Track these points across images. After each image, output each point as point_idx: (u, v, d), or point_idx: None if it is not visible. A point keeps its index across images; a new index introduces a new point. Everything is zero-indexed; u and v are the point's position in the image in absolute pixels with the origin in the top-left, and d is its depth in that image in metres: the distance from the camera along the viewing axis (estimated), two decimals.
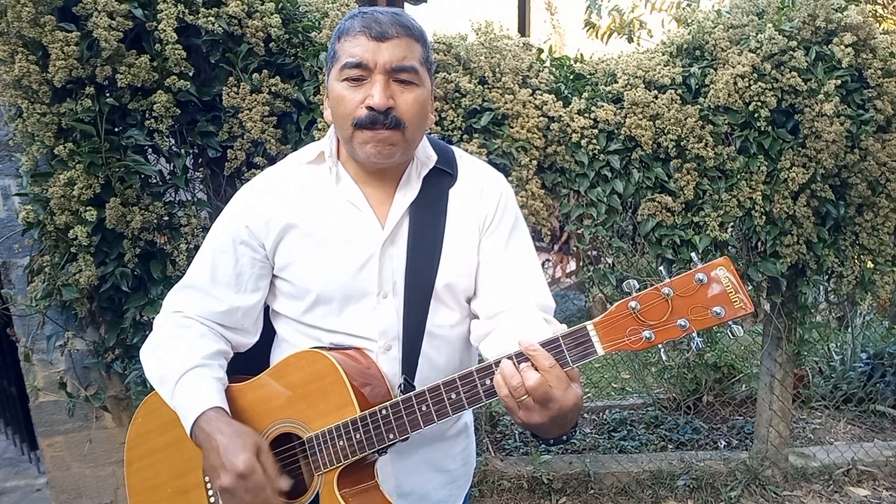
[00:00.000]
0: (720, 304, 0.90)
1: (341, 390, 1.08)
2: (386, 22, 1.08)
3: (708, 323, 0.90)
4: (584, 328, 0.95)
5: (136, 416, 1.28)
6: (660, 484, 3.03)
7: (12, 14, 1.84)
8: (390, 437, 1.06)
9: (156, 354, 1.20)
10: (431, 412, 1.03)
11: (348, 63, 1.08)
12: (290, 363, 1.16)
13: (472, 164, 1.27)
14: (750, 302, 0.89)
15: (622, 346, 0.94)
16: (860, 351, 3.96)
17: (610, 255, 2.65)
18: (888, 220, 2.60)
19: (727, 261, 0.90)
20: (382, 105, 1.06)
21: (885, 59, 2.42)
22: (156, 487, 1.24)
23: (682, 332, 0.91)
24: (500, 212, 1.22)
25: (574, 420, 0.98)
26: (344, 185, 1.19)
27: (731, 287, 0.89)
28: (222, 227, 1.22)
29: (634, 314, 0.93)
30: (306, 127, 2.20)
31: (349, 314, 1.18)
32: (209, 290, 1.21)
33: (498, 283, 1.20)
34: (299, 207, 1.18)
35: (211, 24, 2.02)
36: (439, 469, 1.30)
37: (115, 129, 2.06)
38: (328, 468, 1.10)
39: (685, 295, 0.91)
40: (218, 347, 1.20)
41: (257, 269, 1.21)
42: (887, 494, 3.01)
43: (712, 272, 0.90)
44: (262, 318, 1.28)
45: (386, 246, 1.17)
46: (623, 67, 2.43)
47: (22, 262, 2.24)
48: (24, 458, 3.28)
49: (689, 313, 0.91)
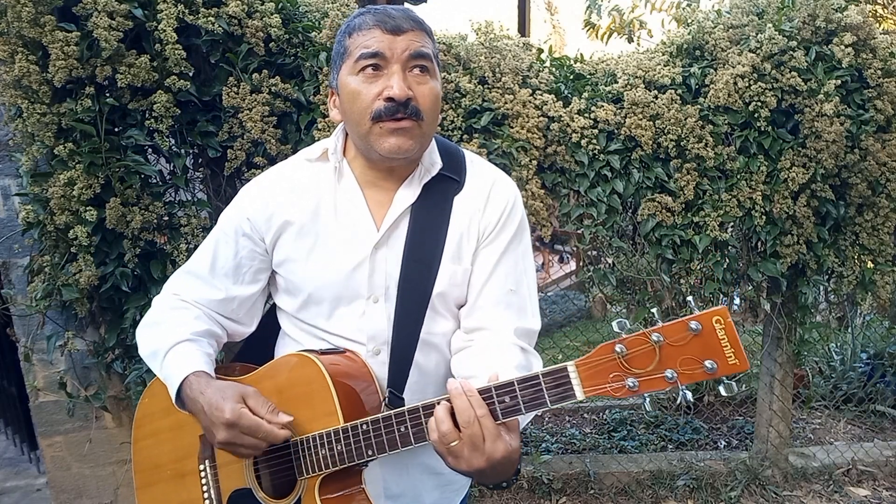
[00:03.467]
0: (713, 357, 0.83)
1: (326, 397, 1.07)
2: (399, 16, 1.09)
3: (697, 377, 0.84)
4: (565, 369, 0.90)
5: (142, 397, 1.31)
6: (660, 484, 3.03)
7: (12, 14, 1.84)
8: (369, 454, 1.03)
9: (149, 330, 1.22)
10: (409, 434, 1.00)
11: (364, 54, 1.07)
12: (282, 364, 1.16)
13: (482, 170, 1.24)
14: (745, 359, 0.83)
15: (603, 392, 0.88)
16: (860, 351, 3.96)
17: (610, 255, 2.65)
18: (888, 220, 2.60)
19: (724, 311, 0.83)
20: (402, 95, 1.05)
21: (885, 59, 2.42)
22: (157, 467, 1.27)
23: (668, 385, 0.85)
24: (502, 223, 1.19)
25: (511, 470, 0.95)
26: (345, 184, 1.18)
27: (726, 340, 0.83)
28: (227, 219, 1.23)
29: (619, 359, 0.87)
30: (306, 127, 2.20)
31: (339, 316, 1.17)
32: (208, 279, 1.23)
33: (483, 299, 1.17)
34: (298, 205, 1.18)
35: (211, 24, 2.02)
36: (431, 471, 1.27)
37: (115, 129, 2.06)
38: (311, 474, 1.09)
39: (676, 344, 0.85)
40: (209, 328, 1.21)
41: (257, 262, 1.22)
42: (887, 494, 3.01)
43: (708, 322, 0.83)
44: (260, 310, 1.29)
45: (378, 249, 1.15)
46: (623, 67, 2.43)
47: (22, 262, 2.24)
48: (24, 458, 3.28)
49: (678, 364, 0.85)
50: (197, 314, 1.22)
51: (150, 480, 1.28)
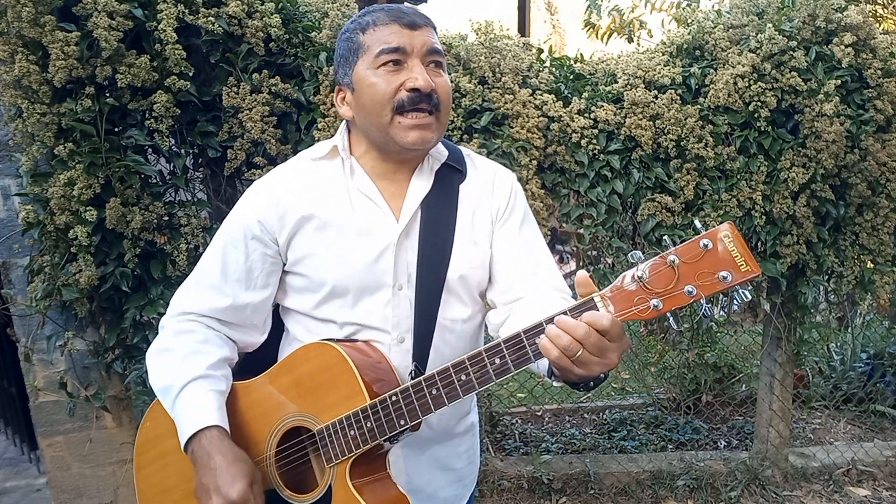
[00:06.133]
0: (727, 268, 0.88)
1: (350, 380, 1.08)
2: (412, 13, 1.13)
3: (715, 288, 0.88)
4: (592, 300, 0.94)
5: (144, 421, 1.28)
6: (660, 484, 3.03)
7: (12, 14, 1.84)
8: (401, 424, 1.05)
9: (158, 361, 1.19)
10: (442, 395, 1.03)
11: (386, 49, 1.10)
12: (299, 356, 1.16)
13: (481, 161, 1.31)
14: (756, 264, 0.87)
15: (631, 316, 0.92)
16: (860, 351, 3.96)
17: (610, 255, 2.65)
18: (888, 220, 2.60)
19: (731, 225, 0.88)
20: (427, 86, 1.10)
21: (885, 59, 2.42)
22: (166, 490, 1.23)
23: (689, 299, 0.90)
24: (512, 203, 1.26)
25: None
26: (358, 178, 1.20)
27: (736, 251, 0.87)
28: (233, 224, 1.22)
29: (641, 283, 0.92)
30: (306, 127, 2.20)
31: (363, 306, 1.18)
32: (220, 287, 1.20)
33: (514, 271, 1.22)
34: (315, 200, 1.18)
35: (211, 24, 2.02)
36: (446, 468, 1.31)
37: (115, 129, 2.06)
38: (340, 459, 1.10)
39: (691, 261, 0.89)
40: (221, 354, 1.19)
41: (268, 266, 1.21)
42: (887, 494, 3.01)
43: (717, 237, 0.88)
44: (270, 318, 1.28)
45: (401, 238, 1.18)
46: (623, 67, 2.43)
47: (22, 262, 2.25)
48: (24, 458, 3.28)
49: (695, 279, 0.89)
50: (206, 337, 1.19)
51: None
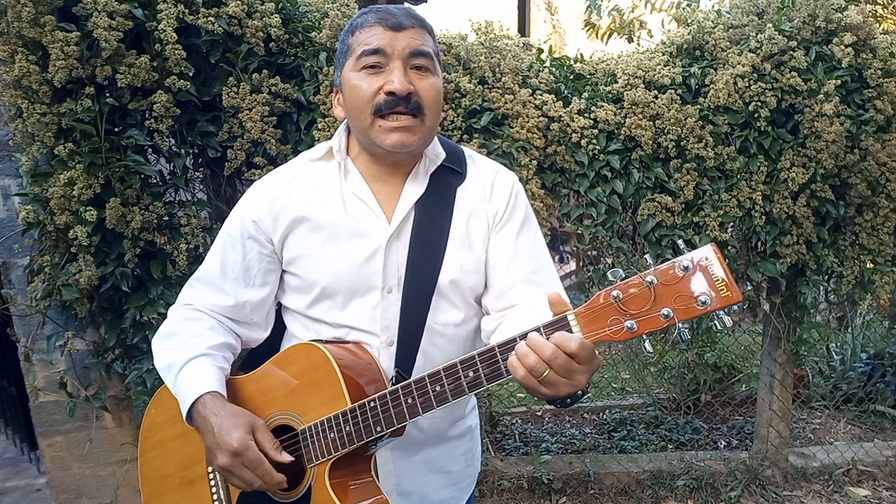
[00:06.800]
0: (706, 293, 0.85)
1: (333, 382, 1.09)
2: (400, 14, 1.12)
3: (692, 313, 0.85)
4: (565, 318, 0.93)
5: (148, 408, 1.32)
6: (660, 484, 3.03)
7: (12, 14, 1.84)
8: (378, 430, 1.05)
9: (164, 342, 1.23)
10: (417, 404, 1.03)
11: (365, 51, 1.10)
12: (288, 355, 1.18)
13: (483, 163, 1.28)
14: (737, 291, 0.84)
15: (603, 337, 0.90)
16: (860, 351, 3.96)
17: (610, 255, 2.65)
18: (888, 220, 2.60)
19: (714, 247, 0.86)
20: (403, 89, 1.08)
21: (885, 59, 2.42)
22: (165, 477, 1.27)
23: (664, 322, 0.87)
24: (511, 208, 1.23)
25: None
26: (352, 180, 1.20)
27: (717, 275, 0.84)
28: (232, 223, 1.25)
29: (616, 303, 0.89)
30: (306, 127, 2.20)
31: (353, 308, 1.18)
32: (219, 285, 1.24)
33: (508, 277, 1.20)
34: (308, 202, 1.19)
35: (211, 24, 2.02)
36: (441, 470, 1.30)
37: (115, 129, 2.06)
38: (320, 460, 1.11)
39: (669, 283, 0.86)
40: (225, 340, 1.22)
41: (265, 264, 1.23)
42: (887, 494, 3.01)
43: (698, 259, 0.85)
44: (273, 315, 1.30)
45: (392, 241, 1.17)
46: (623, 67, 2.43)
47: (22, 262, 2.24)
48: (24, 458, 3.28)
49: (673, 302, 0.86)
50: (211, 324, 1.23)
51: (159, 491, 1.28)
